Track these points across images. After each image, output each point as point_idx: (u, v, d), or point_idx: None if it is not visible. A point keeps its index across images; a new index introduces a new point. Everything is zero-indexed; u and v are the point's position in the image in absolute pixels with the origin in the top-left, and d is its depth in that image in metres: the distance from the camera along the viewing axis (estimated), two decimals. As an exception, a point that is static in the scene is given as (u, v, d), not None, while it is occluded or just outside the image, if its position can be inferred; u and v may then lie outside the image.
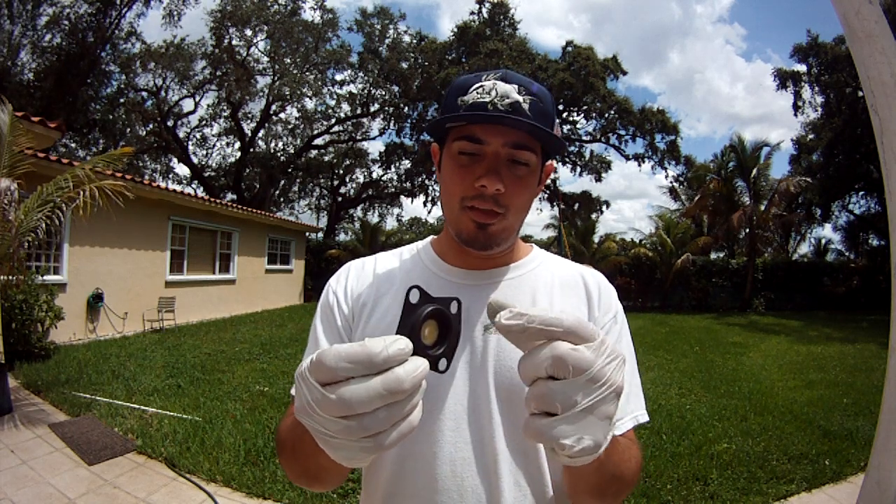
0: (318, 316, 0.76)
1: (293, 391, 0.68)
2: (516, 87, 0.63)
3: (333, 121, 21.52)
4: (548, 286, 0.73)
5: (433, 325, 0.45)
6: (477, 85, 0.64)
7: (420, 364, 0.40)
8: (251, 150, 20.73)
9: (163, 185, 9.86)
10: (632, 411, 0.68)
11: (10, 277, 4.32)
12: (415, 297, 0.44)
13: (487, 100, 0.62)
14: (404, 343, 0.39)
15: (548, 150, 0.68)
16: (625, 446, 0.61)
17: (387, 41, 20.83)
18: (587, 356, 0.40)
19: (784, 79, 18.83)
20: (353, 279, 0.76)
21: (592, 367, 0.40)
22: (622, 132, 20.28)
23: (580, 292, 0.73)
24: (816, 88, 18.21)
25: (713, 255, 17.73)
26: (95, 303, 7.65)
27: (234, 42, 18.96)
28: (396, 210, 24.09)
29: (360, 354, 0.38)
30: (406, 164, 21.50)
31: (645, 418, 0.69)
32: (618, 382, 0.42)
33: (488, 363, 0.66)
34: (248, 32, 19.11)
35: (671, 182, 20.83)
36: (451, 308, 0.46)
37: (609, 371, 0.41)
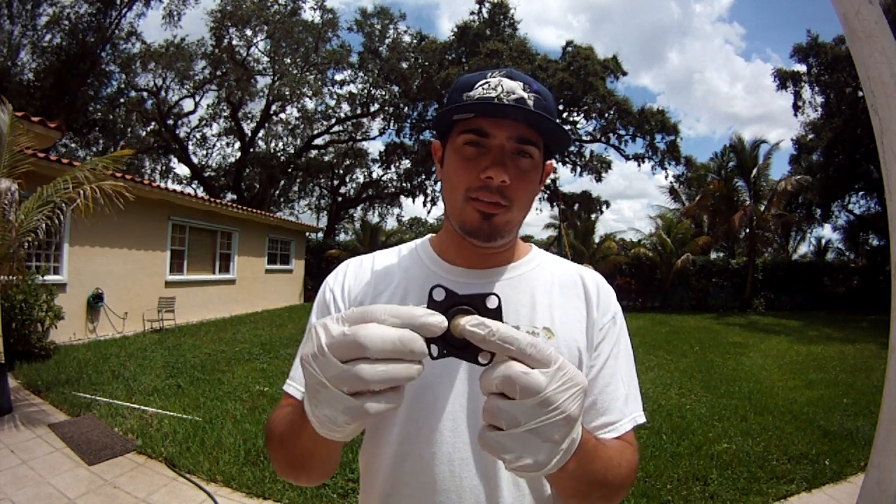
0: (315, 313, 0.75)
1: (286, 387, 0.70)
2: (521, 84, 0.64)
3: (333, 121, 21.52)
4: (547, 286, 0.73)
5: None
6: (482, 81, 0.64)
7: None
8: (251, 150, 20.72)
9: (163, 185, 9.86)
10: (630, 413, 0.68)
11: (11, 277, 4.32)
12: (439, 295, 0.43)
13: (494, 95, 0.62)
14: (441, 318, 0.42)
15: (552, 145, 0.69)
16: (616, 451, 0.61)
17: (387, 41, 20.81)
18: (538, 381, 0.40)
19: (784, 79, 18.82)
20: (350, 277, 0.76)
21: (542, 392, 0.40)
22: (622, 132, 20.31)
23: (579, 293, 0.73)
24: (816, 88, 18.20)
25: (713, 255, 17.72)
26: (95, 303, 7.65)
27: (234, 42, 18.97)
28: (396, 210, 24.17)
29: (403, 310, 0.41)
30: (406, 163, 21.52)
31: (642, 419, 0.69)
32: (570, 410, 0.42)
33: None
34: (248, 32, 19.12)
35: (671, 182, 20.87)
36: (489, 303, 0.44)
37: (561, 398, 0.41)
